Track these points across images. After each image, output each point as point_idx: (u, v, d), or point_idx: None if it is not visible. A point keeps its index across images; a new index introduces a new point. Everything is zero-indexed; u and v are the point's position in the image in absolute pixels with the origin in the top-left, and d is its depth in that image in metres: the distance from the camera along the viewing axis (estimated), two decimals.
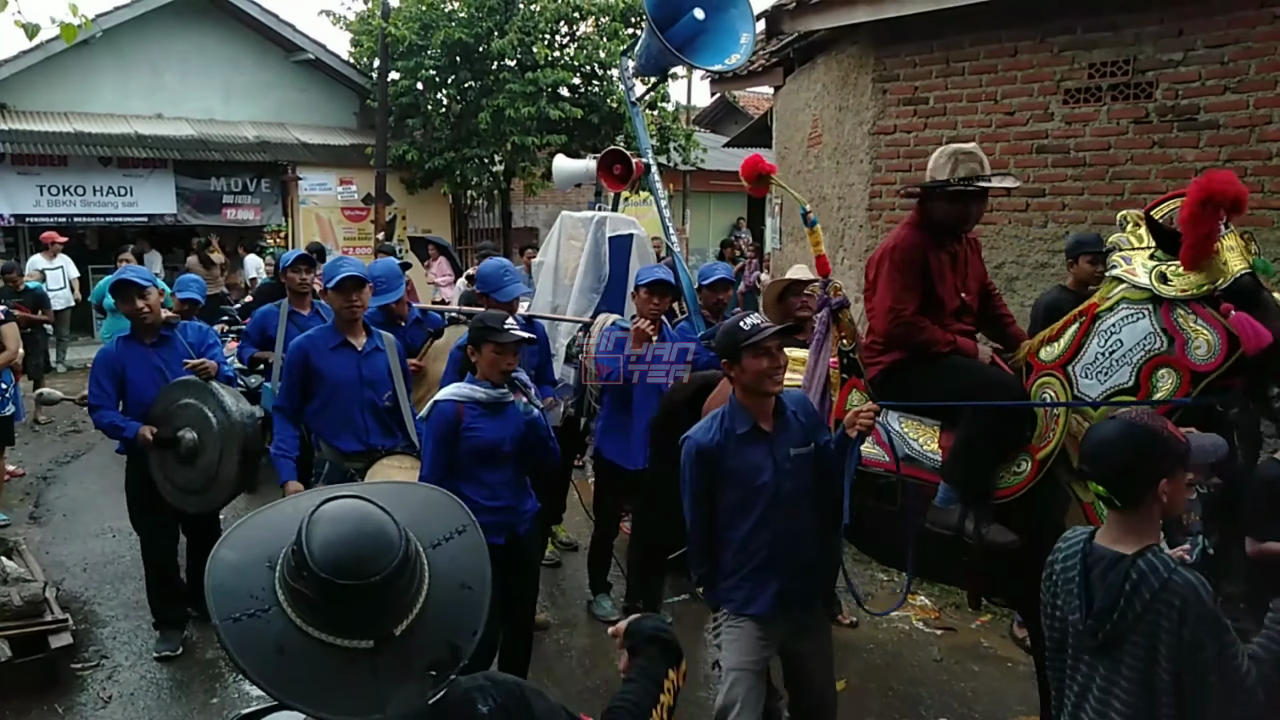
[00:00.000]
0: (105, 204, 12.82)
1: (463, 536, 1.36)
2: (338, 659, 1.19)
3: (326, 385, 3.94)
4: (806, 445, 2.90)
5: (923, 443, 3.34)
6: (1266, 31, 4.74)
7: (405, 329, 4.78)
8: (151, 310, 4.20)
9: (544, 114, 12.67)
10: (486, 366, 3.37)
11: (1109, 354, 2.98)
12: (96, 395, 4.19)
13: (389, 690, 1.18)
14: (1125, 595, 1.96)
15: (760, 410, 2.87)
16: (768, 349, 2.79)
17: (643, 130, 5.50)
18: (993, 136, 5.85)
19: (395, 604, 1.22)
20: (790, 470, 2.85)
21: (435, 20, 12.92)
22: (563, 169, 6.58)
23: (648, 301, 4.50)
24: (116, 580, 5.22)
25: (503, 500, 3.43)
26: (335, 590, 1.18)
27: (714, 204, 21.03)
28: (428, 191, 14.45)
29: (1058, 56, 5.49)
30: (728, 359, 2.86)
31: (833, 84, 7.22)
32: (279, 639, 1.19)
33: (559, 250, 5.56)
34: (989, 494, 3.14)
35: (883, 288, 3.31)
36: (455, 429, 3.33)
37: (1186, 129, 5.04)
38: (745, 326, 2.81)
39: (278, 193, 14.02)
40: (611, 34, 13.29)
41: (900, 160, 6.33)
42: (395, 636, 1.21)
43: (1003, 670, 4.33)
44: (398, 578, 1.21)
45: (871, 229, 6.52)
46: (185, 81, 13.91)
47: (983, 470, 3.15)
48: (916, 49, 6.10)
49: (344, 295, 3.95)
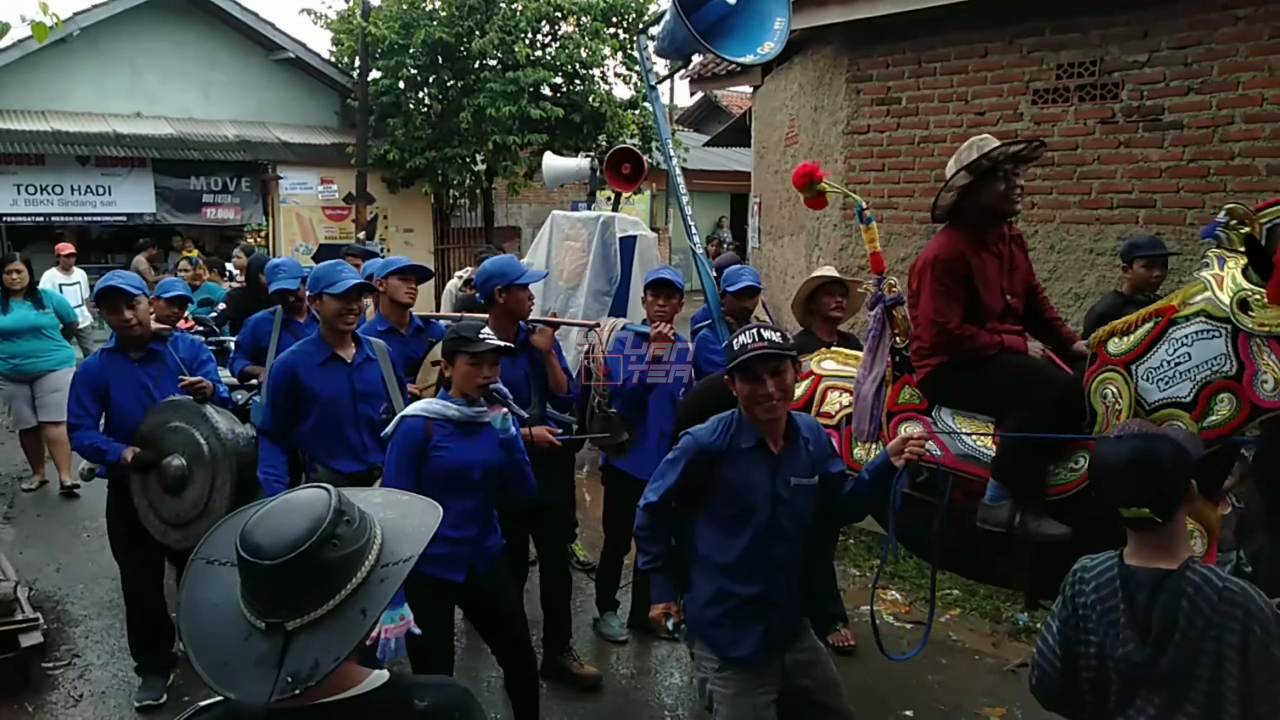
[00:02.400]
0: (83, 203, 12.73)
1: (407, 564, 1.36)
2: (242, 629, 1.26)
3: (318, 403, 3.61)
4: (811, 477, 2.66)
5: (976, 439, 3.25)
6: (1228, 33, 4.82)
7: (405, 339, 4.45)
8: (140, 322, 3.85)
9: (525, 113, 12.68)
10: (461, 381, 3.11)
11: (1174, 364, 2.86)
12: (76, 414, 3.83)
13: (249, 678, 1.21)
14: (1185, 614, 1.82)
15: (768, 429, 2.61)
16: (755, 373, 2.51)
17: (662, 118, 5.16)
18: (964, 136, 5.84)
19: (289, 598, 1.24)
20: (788, 499, 2.62)
21: (416, 19, 12.91)
22: (553, 167, 6.30)
23: (654, 303, 4.34)
24: (90, 580, 5.22)
25: (465, 531, 3.11)
26: (243, 566, 1.26)
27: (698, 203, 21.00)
28: (409, 191, 14.44)
29: (1026, 57, 5.56)
30: (727, 375, 2.63)
31: (809, 84, 7.27)
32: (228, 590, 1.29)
33: (551, 251, 5.34)
34: (1040, 490, 3.05)
35: (925, 299, 3.24)
36: (423, 448, 3.04)
37: (1151, 129, 5.12)
38: (735, 345, 2.56)
39: (258, 192, 13.97)
40: (593, 33, 13.31)
41: (874, 160, 6.39)
42: (287, 631, 1.23)
43: (970, 663, 4.38)
44: (291, 573, 1.22)
45: (845, 228, 6.58)
46: (164, 80, 13.83)
47: (1033, 466, 3.06)
48: (889, 50, 6.16)
49: (346, 303, 3.62)
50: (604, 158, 6.01)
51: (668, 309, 4.33)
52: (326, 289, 3.59)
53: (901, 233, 6.31)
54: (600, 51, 13.38)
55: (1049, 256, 5.57)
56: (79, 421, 3.83)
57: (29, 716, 3.87)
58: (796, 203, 7.79)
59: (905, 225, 6.28)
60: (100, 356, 3.93)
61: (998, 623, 4.72)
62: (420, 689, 1.39)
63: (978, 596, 4.93)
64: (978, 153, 3.13)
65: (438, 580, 3.04)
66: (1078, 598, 1.98)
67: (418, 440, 3.04)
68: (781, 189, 8.13)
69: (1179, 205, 5.08)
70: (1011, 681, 4.18)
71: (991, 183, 3.15)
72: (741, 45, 4.73)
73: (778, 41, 4.71)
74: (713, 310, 4.66)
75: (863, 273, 6.54)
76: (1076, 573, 2.02)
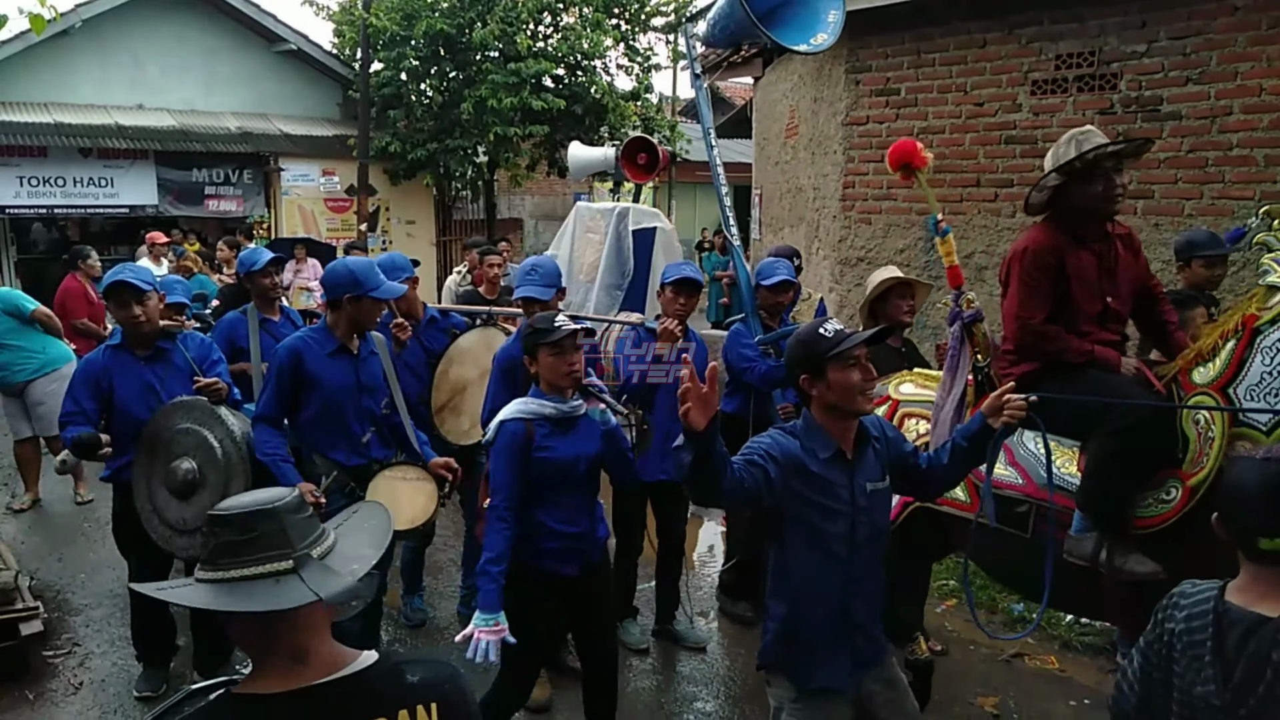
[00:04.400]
0: (86, 195, 12.76)
1: (356, 515, 1.58)
2: (266, 584, 1.35)
3: (323, 392, 3.57)
4: (883, 480, 2.48)
5: (1060, 464, 3.01)
6: (1227, 23, 4.81)
7: (420, 330, 4.42)
8: (149, 320, 3.68)
9: (526, 104, 12.67)
10: (550, 375, 2.99)
11: (1278, 374, 2.65)
12: (71, 411, 3.66)
13: (319, 583, 1.35)
14: (1274, 666, 1.67)
15: (844, 433, 2.42)
16: (857, 359, 2.35)
17: (706, 109, 4.96)
18: (962, 127, 5.91)
19: (300, 530, 1.39)
20: (866, 507, 2.42)
21: (417, 11, 12.89)
22: (579, 157, 6.07)
23: (673, 301, 4.11)
24: (91, 569, 5.26)
25: (578, 526, 3.07)
26: (245, 520, 1.36)
27: (700, 194, 21.07)
28: (411, 183, 14.44)
29: (1025, 48, 5.55)
30: (808, 373, 2.38)
31: (808, 75, 7.27)
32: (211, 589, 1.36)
33: (574, 244, 5.13)
34: (1127, 523, 2.85)
35: (1011, 293, 3.07)
36: (527, 450, 2.95)
37: (1150, 119, 5.11)
38: (827, 333, 2.36)
39: (260, 184, 13.98)
40: (595, 25, 13.29)
41: (873, 151, 6.38)
42: (312, 557, 1.38)
43: (965, 653, 4.40)
44: (298, 509, 1.40)
45: (845, 219, 6.58)
46: (166, 72, 13.85)
47: (1118, 496, 2.86)
48: (888, 40, 6.16)
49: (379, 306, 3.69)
50: None
51: (687, 307, 4.14)
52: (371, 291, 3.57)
53: (900, 224, 6.31)
54: (602, 43, 13.35)
55: None
56: (71, 419, 3.65)
57: (29, 704, 3.91)
58: (797, 194, 7.79)
59: (904, 217, 6.28)
60: (105, 353, 3.76)
61: (993, 613, 4.74)
62: (411, 664, 1.47)
63: (974, 587, 4.94)
64: (1075, 151, 2.92)
65: (553, 575, 3.02)
66: (1167, 623, 1.85)
67: (520, 444, 2.95)
68: (782, 180, 8.12)
69: (1177, 196, 5.08)
70: (1005, 671, 4.19)
71: (1088, 183, 2.94)
72: (795, 34, 4.60)
73: (832, 33, 4.57)
74: (746, 304, 4.50)
75: (861, 264, 6.55)
76: (1173, 597, 1.88)
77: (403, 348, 4.21)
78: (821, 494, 2.36)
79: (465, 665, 2.38)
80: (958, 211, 5.97)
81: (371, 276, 3.59)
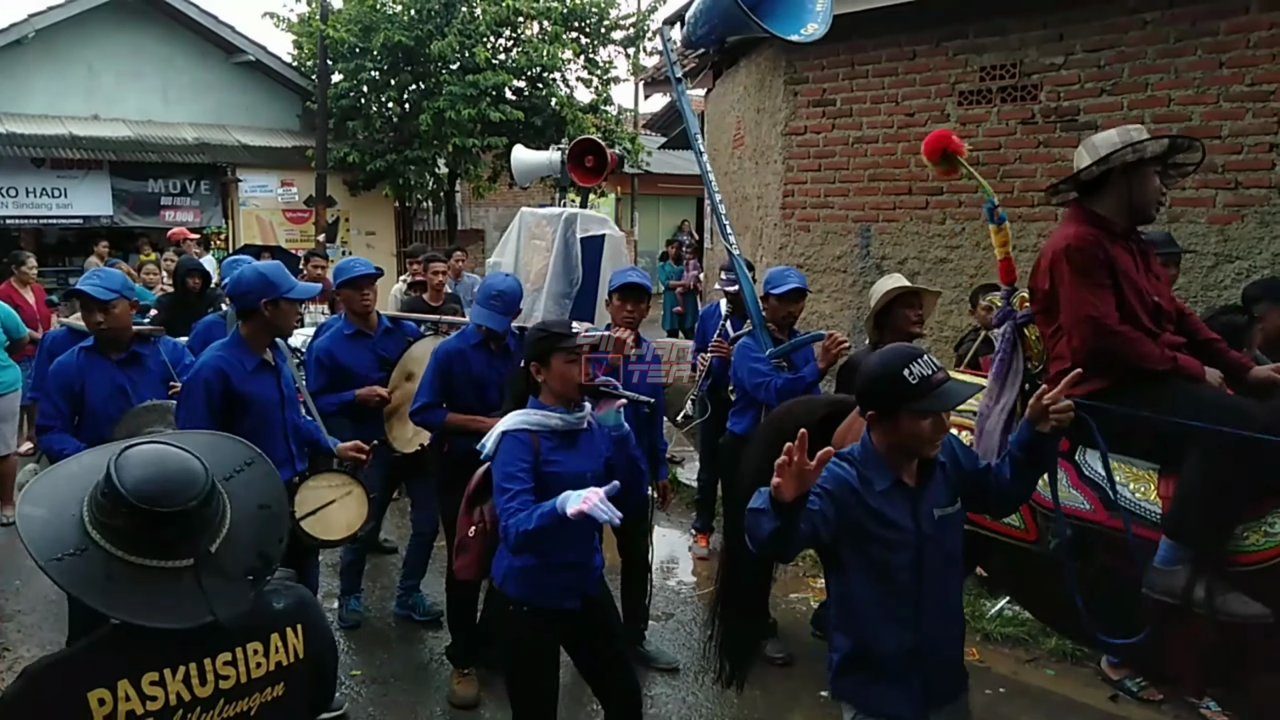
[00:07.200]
0: (39, 205, 12.64)
1: (252, 468, 1.61)
2: (164, 578, 1.40)
3: (253, 413, 3.41)
4: (954, 504, 2.31)
5: (1135, 489, 2.73)
6: (1137, 36, 5.01)
7: (376, 339, 4.42)
8: (112, 326, 3.64)
9: (485, 116, 12.75)
10: (559, 382, 2.76)
11: None
12: (48, 414, 3.66)
13: (215, 596, 1.41)
14: None
15: (906, 465, 2.28)
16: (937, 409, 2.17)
17: (690, 114, 4.76)
18: (895, 137, 6.08)
19: (206, 526, 1.45)
20: (934, 535, 2.25)
21: (375, 23, 12.95)
22: (522, 160, 5.86)
23: (621, 308, 3.97)
24: (27, 575, 5.23)
25: (575, 553, 2.82)
26: (153, 518, 1.39)
27: (662, 206, 21.26)
28: (371, 194, 14.45)
29: (952, 60, 5.73)
30: (877, 411, 2.23)
31: (752, 87, 7.42)
32: (105, 570, 1.38)
33: (519, 250, 5.05)
34: (1224, 556, 2.58)
35: (1070, 296, 2.72)
36: (535, 462, 2.72)
37: (1068, 129, 5.29)
38: (912, 379, 2.14)
39: (218, 194, 13.92)
40: (554, 38, 13.41)
41: (810, 160, 6.54)
42: (211, 554, 1.44)
43: None
44: (206, 504, 1.45)
45: (785, 227, 6.72)
46: (122, 83, 13.77)
47: (1219, 525, 2.58)
48: (824, 53, 6.31)
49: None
50: None
51: (636, 314, 3.99)
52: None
53: (837, 231, 6.45)
54: (560, 56, 13.47)
55: (975, 253, 5.74)
56: (49, 422, 3.65)
57: None
58: (743, 203, 7.94)
59: (840, 224, 6.43)
60: (77, 355, 3.71)
61: None
62: (275, 594, 1.61)
63: None
64: (1136, 137, 2.69)
65: (553, 611, 2.79)
66: None
67: (526, 456, 2.70)
68: (730, 189, 8.26)
69: None
70: (977, 673, 4.25)
71: (1140, 178, 2.72)
72: (783, 24, 4.42)
73: (822, 22, 4.39)
74: (753, 316, 4.25)
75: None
76: None
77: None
78: (881, 526, 2.21)
79: None
80: (891, 219, 6.13)
81: (284, 279, 3.48)
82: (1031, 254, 5.53)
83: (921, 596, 2.24)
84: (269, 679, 1.52)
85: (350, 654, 4.44)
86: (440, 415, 3.90)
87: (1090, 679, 4.12)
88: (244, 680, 1.49)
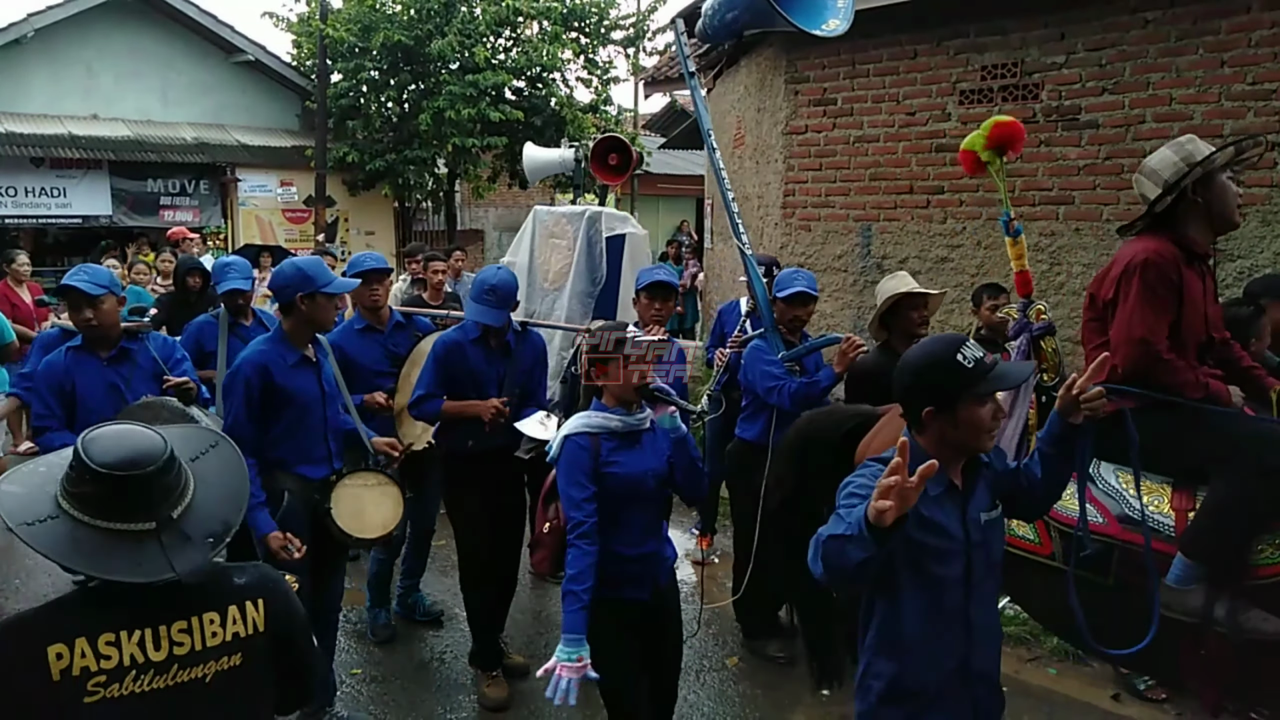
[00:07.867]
0: (38, 205, 12.64)
1: (217, 449, 1.70)
2: (128, 540, 1.48)
3: (294, 407, 3.42)
4: (996, 508, 2.17)
5: (1148, 501, 2.70)
6: (1138, 35, 5.01)
7: (386, 335, 4.39)
8: (101, 323, 3.60)
9: (485, 116, 12.75)
10: (619, 387, 2.78)
11: None
12: (42, 414, 3.62)
13: (176, 555, 1.49)
14: None
15: (955, 464, 2.12)
16: (993, 394, 2.04)
17: (703, 109, 4.75)
18: (895, 136, 6.08)
19: (168, 493, 1.53)
20: (981, 541, 2.11)
21: (375, 23, 12.95)
22: (534, 158, 5.80)
23: (649, 306, 3.96)
24: (26, 574, 5.21)
25: (646, 546, 2.86)
26: (117, 483, 1.47)
27: (662, 207, 21.25)
28: (370, 193, 14.44)
29: (953, 59, 5.73)
30: (934, 405, 2.03)
31: (752, 86, 7.42)
32: (72, 534, 1.47)
33: (534, 249, 5.00)
34: (1244, 573, 2.58)
35: (1129, 312, 2.67)
36: (593, 466, 2.76)
37: (1069, 128, 5.30)
38: (967, 362, 2.00)
39: (217, 194, 13.92)
40: (553, 38, 13.41)
41: (811, 159, 6.53)
42: (173, 519, 1.52)
43: None
44: (168, 470, 1.53)
45: (785, 226, 6.72)
46: (121, 82, 13.77)
47: (1240, 542, 2.58)
48: (825, 52, 6.31)
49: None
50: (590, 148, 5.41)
51: (664, 312, 3.98)
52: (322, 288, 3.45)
53: (838, 230, 6.45)
54: (559, 55, 13.47)
55: (976, 253, 5.73)
56: (45, 423, 3.61)
57: None
58: (744, 202, 7.93)
59: (841, 224, 6.43)
60: (65, 355, 3.65)
61: None
62: (238, 570, 1.69)
63: None
64: (1183, 161, 2.66)
65: (625, 602, 2.82)
66: None
67: (585, 460, 2.75)
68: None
69: (1096, 202, 5.26)
70: None
71: (1218, 190, 2.69)
72: (804, 19, 4.32)
73: (844, 19, 4.31)
74: (764, 318, 4.18)
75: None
76: None
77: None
78: (933, 534, 2.04)
79: None
80: (892, 218, 6.13)
81: (322, 272, 3.48)
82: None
83: (969, 612, 2.09)
84: (225, 648, 1.59)
85: (350, 653, 4.43)
86: (437, 405, 3.85)
87: (1092, 678, 4.11)
88: (199, 648, 1.56)
